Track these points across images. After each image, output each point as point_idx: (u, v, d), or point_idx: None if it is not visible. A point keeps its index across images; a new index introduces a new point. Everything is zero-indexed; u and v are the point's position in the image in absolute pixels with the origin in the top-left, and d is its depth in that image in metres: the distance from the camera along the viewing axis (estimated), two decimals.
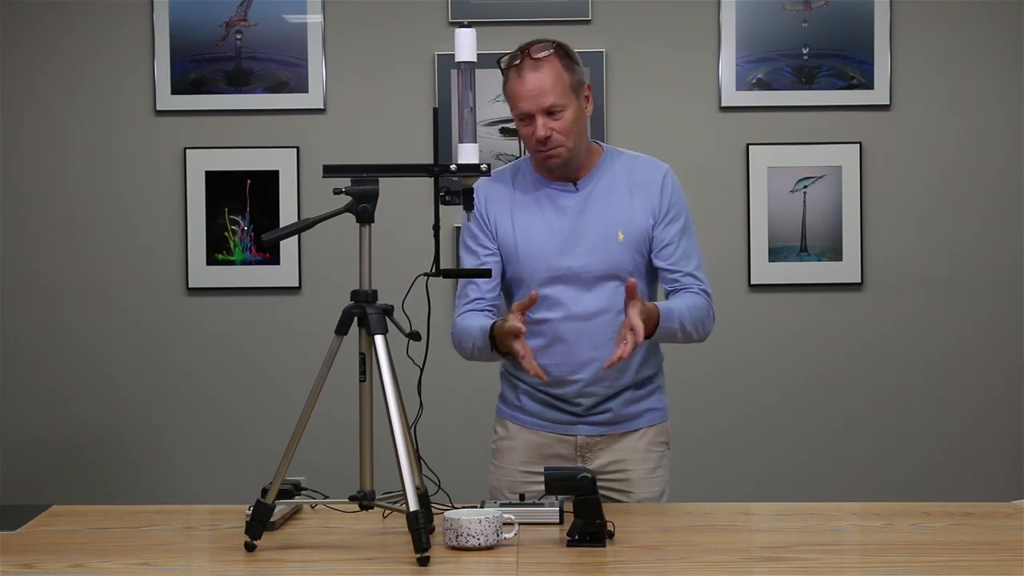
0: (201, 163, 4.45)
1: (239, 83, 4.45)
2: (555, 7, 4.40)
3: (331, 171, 2.53)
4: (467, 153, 2.58)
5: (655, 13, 4.45)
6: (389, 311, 2.49)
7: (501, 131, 4.41)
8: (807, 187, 4.43)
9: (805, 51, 4.42)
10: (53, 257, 4.49)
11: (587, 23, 4.39)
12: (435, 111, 3.06)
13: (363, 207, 2.49)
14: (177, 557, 2.50)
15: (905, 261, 4.46)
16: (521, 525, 2.54)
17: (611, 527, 2.52)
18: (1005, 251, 4.45)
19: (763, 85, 4.42)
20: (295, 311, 4.47)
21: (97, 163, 4.49)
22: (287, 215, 4.44)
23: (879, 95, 4.41)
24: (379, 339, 2.44)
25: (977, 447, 4.47)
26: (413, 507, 2.35)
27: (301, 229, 2.52)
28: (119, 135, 4.48)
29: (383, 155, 4.34)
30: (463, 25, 2.59)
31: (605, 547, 2.48)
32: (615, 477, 3.02)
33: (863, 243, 4.43)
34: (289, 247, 4.45)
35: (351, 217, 2.50)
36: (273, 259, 4.47)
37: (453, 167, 2.57)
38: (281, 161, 4.45)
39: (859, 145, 4.42)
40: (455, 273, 2.85)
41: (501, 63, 2.93)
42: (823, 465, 4.46)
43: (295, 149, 4.45)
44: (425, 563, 2.34)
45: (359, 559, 2.46)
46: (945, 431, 4.47)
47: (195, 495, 4.37)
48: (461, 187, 2.61)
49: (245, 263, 4.47)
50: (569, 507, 2.57)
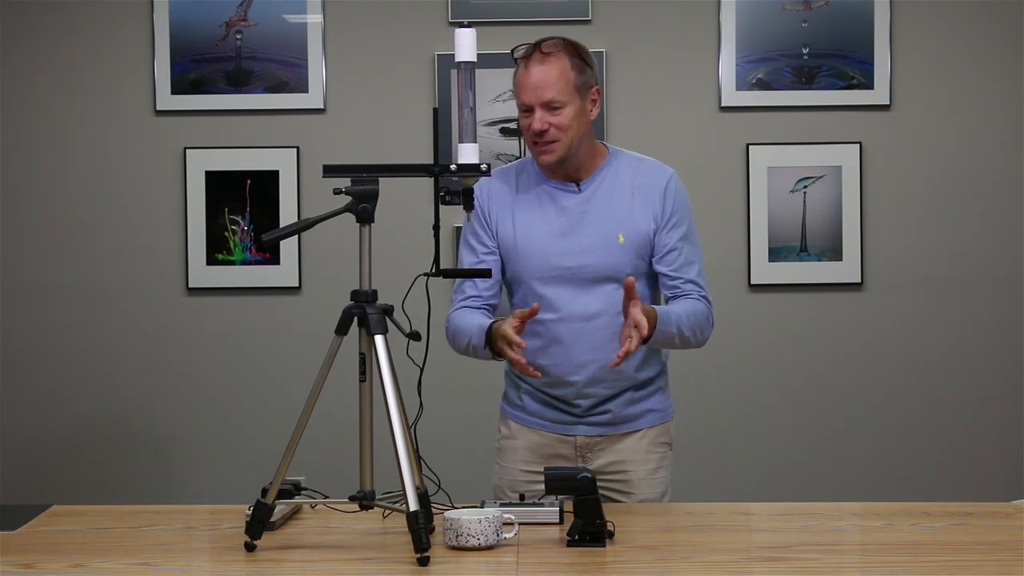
0: (201, 163, 4.45)
1: (239, 83, 4.45)
2: (555, 7, 4.40)
3: (331, 171, 2.53)
4: (467, 153, 2.58)
5: (655, 13, 4.45)
6: (389, 311, 2.49)
7: (501, 131, 4.41)
8: (807, 187, 4.43)
9: (805, 51, 4.42)
10: (53, 257, 4.49)
11: (587, 23, 4.39)
12: (435, 111, 3.06)
13: (363, 207, 2.49)
14: (177, 557, 2.50)
15: (905, 261, 4.46)
16: (521, 525, 2.54)
17: (611, 527, 2.52)
18: (1005, 251, 4.45)
19: (763, 85, 4.42)
20: (295, 311, 4.47)
21: (97, 163, 4.49)
22: (287, 215, 4.44)
23: (879, 95, 4.41)
24: (379, 339, 2.44)
25: (977, 447, 4.47)
26: (413, 507, 2.36)
27: (301, 229, 2.52)
28: (119, 135, 4.48)
29: (383, 155, 4.34)
30: (463, 25, 2.60)
31: (605, 547, 2.48)
32: (616, 478, 3.02)
33: (863, 243, 4.43)
34: (289, 247, 4.45)
35: (351, 217, 2.50)
36: (273, 259, 4.47)
37: (453, 167, 2.57)
38: (281, 161, 4.45)
39: (859, 145, 4.42)
40: (455, 273, 2.85)
41: (514, 53, 2.95)
42: (823, 465, 4.46)
43: (295, 149, 4.45)
44: (425, 563, 2.34)
45: (359, 559, 2.46)
46: (945, 431, 4.47)
47: (195, 495, 4.37)
48: (461, 187, 2.61)
49: (245, 263, 4.47)
50: (569, 507, 2.57)
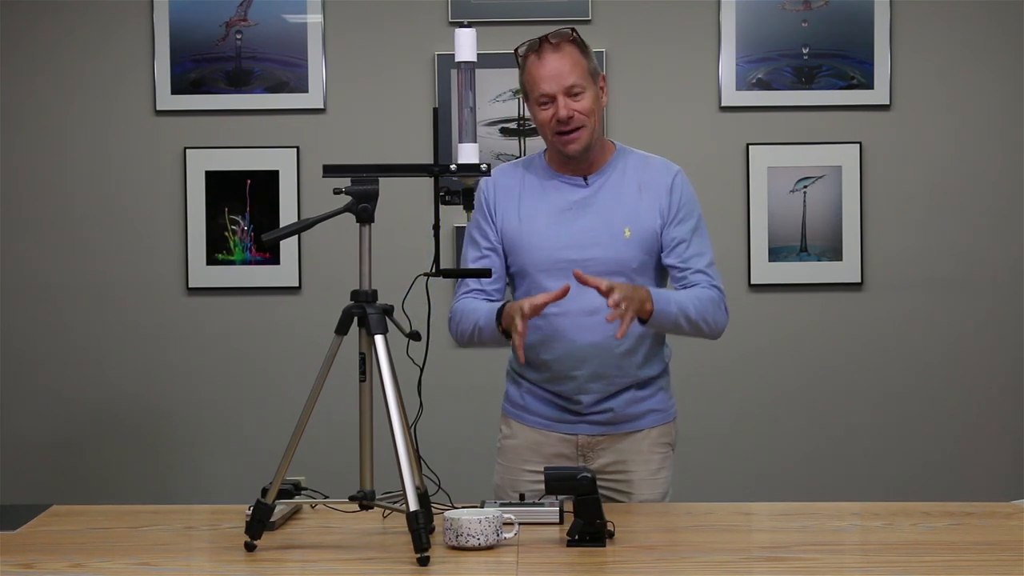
0: (201, 163, 4.45)
1: (239, 83, 4.45)
2: (555, 7, 4.40)
3: (331, 171, 2.53)
4: (467, 153, 2.58)
5: (655, 13, 4.45)
6: (389, 311, 2.49)
7: (501, 131, 4.41)
8: (807, 187, 4.43)
9: (805, 51, 4.41)
10: (53, 257, 4.49)
11: (587, 23, 4.39)
12: (435, 111, 3.06)
13: (363, 207, 2.49)
14: (177, 557, 2.50)
15: (905, 261, 4.46)
16: (521, 525, 2.53)
17: (611, 527, 2.52)
18: (1005, 251, 4.45)
19: (763, 85, 4.42)
20: (295, 311, 4.47)
21: (97, 163, 4.49)
22: (287, 215, 4.44)
23: (879, 95, 4.41)
24: (379, 339, 2.44)
25: (977, 447, 4.47)
26: (413, 507, 2.35)
27: (301, 229, 2.52)
28: (119, 135, 4.48)
29: (383, 155, 4.34)
30: (463, 25, 2.60)
31: (605, 547, 2.48)
32: (617, 478, 3.02)
33: (863, 243, 4.43)
34: (289, 247, 4.45)
35: (351, 217, 2.50)
36: (273, 259, 4.47)
37: (453, 167, 2.57)
38: (281, 161, 4.45)
39: (859, 145, 4.42)
40: (455, 273, 2.85)
41: (519, 51, 2.95)
42: (823, 465, 4.46)
43: (295, 149, 4.45)
44: (425, 563, 2.34)
45: (359, 559, 2.46)
46: (945, 431, 4.47)
47: (195, 495, 4.37)
48: (461, 187, 2.61)
49: (245, 263, 4.47)
50: (569, 507, 2.57)
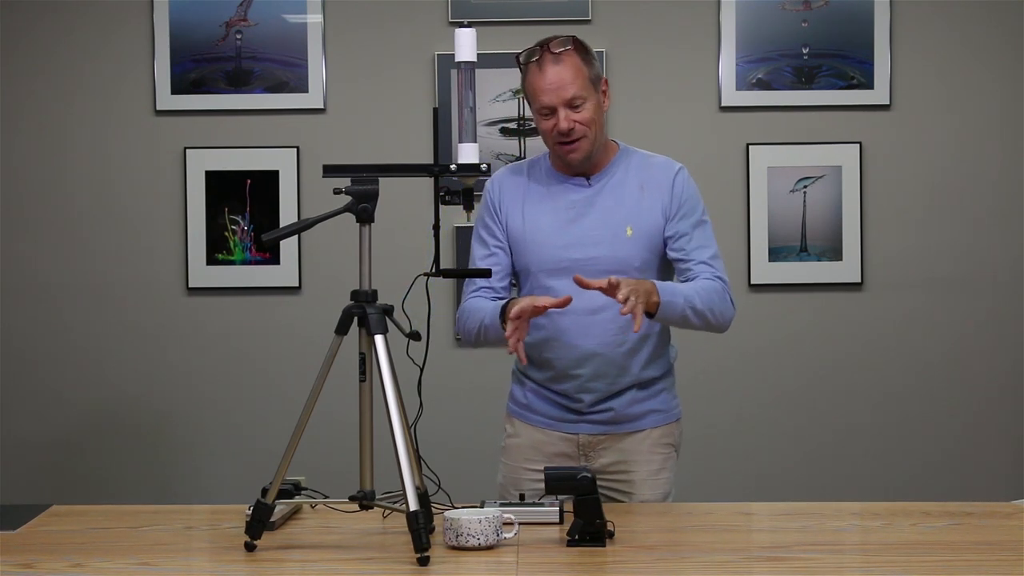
0: (201, 163, 4.45)
1: (239, 83, 4.45)
2: (555, 7, 4.40)
3: (331, 171, 2.53)
4: (467, 153, 2.58)
5: (655, 13, 4.45)
6: (389, 311, 2.49)
7: (501, 131, 4.41)
8: (807, 187, 4.42)
9: (805, 51, 4.41)
10: (53, 257, 4.49)
11: (587, 23, 4.39)
12: (435, 111, 3.05)
13: (363, 207, 2.49)
14: (177, 557, 2.50)
15: (905, 261, 4.46)
16: (521, 525, 2.54)
17: (611, 527, 2.52)
18: (1005, 251, 4.45)
19: (763, 85, 4.42)
20: (295, 311, 4.47)
21: (97, 163, 4.49)
22: (287, 215, 4.44)
23: (879, 95, 4.41)
24: (379, 339, 2.44)
25: (977, 447, 4.47)
26: (413, 507, 2.35)
27: (301, 229, 2.52)
28: (119, 135, 4.48)
29: (383, 155, 4.34)
30: (463, 25, 2.60)
31: (605, 547, 2.48)
32: (618, 478, 3.02)
33: (863, 243, 4.43)
34: (289, 247, 4.45)
35: (351, 217, 2.50)
36: (273, 259, 4.47)
37: (453, 167, 2.57)
38: (281, 161, 4.45)
39: (859, 145, 4.42)
40: (455, 273, 2.86)
41: (520, 58, 2.94)
42: (823, 465, 4.46)
43: (295, 149, 4.45)
44: (425, 563, 2.34)
45: (359, 559, 2.45)
46: (945, 431, 4.47)
47: (195, 495, 4.37)
48: (461, 187, 2.61)
49: (245, 263, 4.47)
50: (569, 507, 2.57)
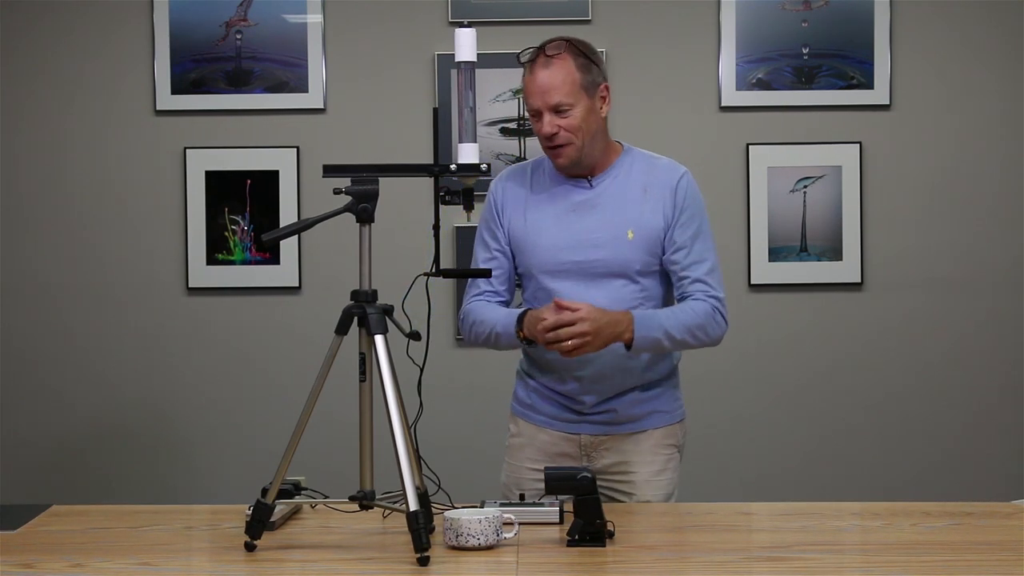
0: (201, 163, 4.45)
1: (239, 83, 4.45)
2: (555, 7, 4.40)
3: (331, 171, 2.53)
4: (467, 153, 2.58)
5: (655, 13, 4.45)
6: (389, 311, 2.49)
7: (501, 131, 4.42)
8: (807, 187, 4.42)
9: (805, 51, 4.41)
10: (53, 257, 4.49)
11: (587, 23, 4.39)
12: (435, 111, 3.05)
13: (363, 207, 2.49)
14: (177, 557, 2.50)
15: (905, 261, 4.46)
16: (521, 525, 2.54)
17: (611, 527, 2.52)
18: (1005, 251, 4.45)
19: (763, 85, 4.42)
20: (295, 311, 4.47)
21: (97, 163, 4.49)
22: (287, 215, 4.44)
23: (879, 95, 4.41)
24: (379, 339, 2.44)
25: (977, 447, 4.47)
26: (413, 507, 2.36)
27: (301, 229, 2.52)
28: (119, 135, 4.48)
29: (383, 155, 4.34)
30: (463, 25, 2.60)
31: (605, 547, 2.48)
32: (619, 478, 3.02)
33: (863, 243, 4.43)
34: (289, 247, 4.45)
35: (351, 217, 2.51)
36: (273, 259, 4.47)
37: (453, 167, 2.57)
38: (281, 161, 4.45)
39: (859, 145, 4.42)
40: (455, 273, 2.86)
41: (520, 58, 2.95)
42: (823, 465, 4.46)
43: (295, 149, 4.45)
44: (425, 563, 2.34)
45: (359, 559, 2.46)
46: (945, 431, 4.47)
47: (195, 495, 4.37)
48: (461, 187, 2.61)
49: (245, 263, 4.47)
50: (569, 507, 2.57)
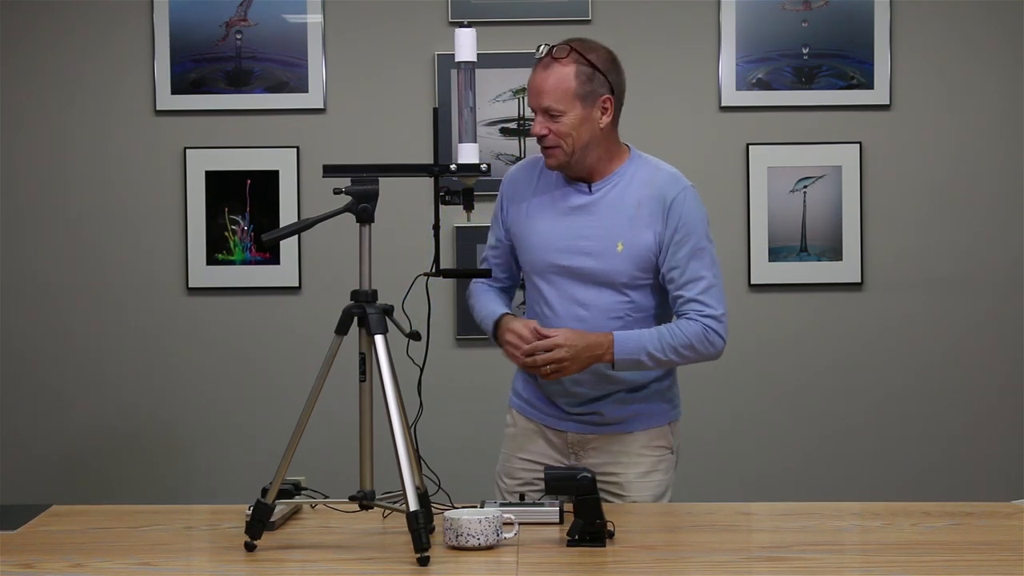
0: (201, 163, 4.45)
1: (239, 83, 4.45)
2: (555, 7, 4.40)
3: (331, 171, 2.53)
4: (467, 153, 2.58)
5: (655, 13, 4.45)
6: (389, 311, 2.49)
7: (501, 131, 4.41)
8: (807, 187, 4.42)
9: (805, 51, 4.41)
10: (53, 257, 4.49)
11: (587, 23, 4.38)
12: (435, 111, 3.05)
13: (363, 207, 2.49)
14: (177, 557, 2.50)
15: (905, 261, 4.45)
16: (521, 525, 2.54)
17: (611, 527, 2.52)
18: (1005, 251, 4.45)
19: (763, 85, 4.42)
20: (295, 311, 4.47)
21: (97, 163, 4.49)
22: (287, 215, 4.44)
23: (879, 95, 4.41)
24: (379, 339, 2.44)
25: (977, 447, 4.47)
26: (413, 507, 2.36)
27: (301, 229, 2.53)
28: (119, 135, 4.48)
29: (383, 155, 4.34)
30: (463, 25, 2.60)
31: (605, 547, 2.48)
32: (607, 478, 3.01)
33: (863, 243, 4.43)
34: (289, 247, 4.44)
35: (351, 217, 2.51)
36: (273, 259, 4.47)
37: (453, 167, 2.57)
38: (281, 161, 4.45)
39: (859, 145, 4.42)
40: (455, 273, 2.86)
41: (536, 53, 2.94)
42: (823, 465, 4.46)
43: (295, 149, 4.45)
44: (425, 563, 2.34)
45: (359, 559, 2.46)
46: (945, 431, 4.47)
47: (195, 495, 4.37)
48: (461, 187, 2.61)
49: (245, 263, 4.47)
50: (569, 507, 2.57)
